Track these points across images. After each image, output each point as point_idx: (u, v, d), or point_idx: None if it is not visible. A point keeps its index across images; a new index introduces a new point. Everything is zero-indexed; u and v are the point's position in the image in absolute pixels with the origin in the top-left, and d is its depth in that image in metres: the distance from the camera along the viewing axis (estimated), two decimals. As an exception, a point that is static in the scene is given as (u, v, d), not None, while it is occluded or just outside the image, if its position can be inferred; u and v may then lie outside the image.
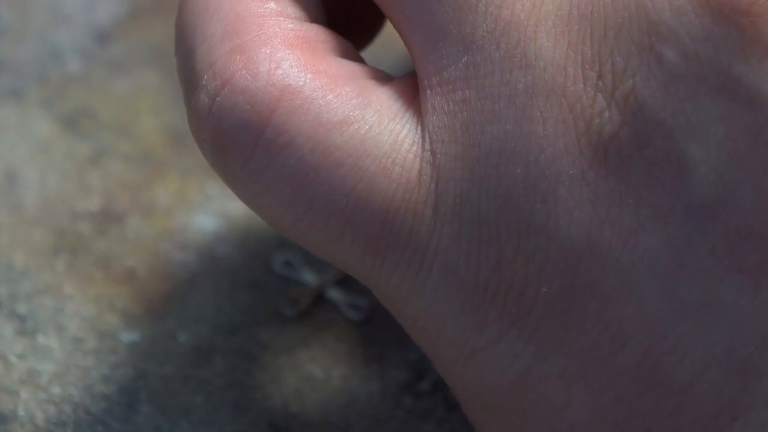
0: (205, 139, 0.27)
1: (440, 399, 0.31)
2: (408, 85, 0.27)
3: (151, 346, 0.32)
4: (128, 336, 0.32)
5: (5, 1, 0.39)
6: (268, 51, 0.26)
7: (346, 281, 0.34)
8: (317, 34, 0.27)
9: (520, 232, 0.25)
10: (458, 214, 0.25)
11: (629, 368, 0.25)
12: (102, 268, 0.33)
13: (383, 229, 0.26)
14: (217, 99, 0.26)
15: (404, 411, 0.31)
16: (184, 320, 0.33)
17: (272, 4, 0.27)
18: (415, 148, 0.26)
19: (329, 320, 0.33)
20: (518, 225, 0.25)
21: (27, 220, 0.34)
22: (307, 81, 0.26)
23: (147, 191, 0.35)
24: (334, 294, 0.33)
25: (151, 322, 0.33)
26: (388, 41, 0.31)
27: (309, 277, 0.34)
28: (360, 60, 0.28)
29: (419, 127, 0.26)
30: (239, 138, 0.26)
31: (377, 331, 0.32)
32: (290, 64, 0.26)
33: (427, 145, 0.26)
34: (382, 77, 0.27)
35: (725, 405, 0.24)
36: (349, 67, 0.27)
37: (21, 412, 0.31)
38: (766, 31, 0.23)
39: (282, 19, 0.27)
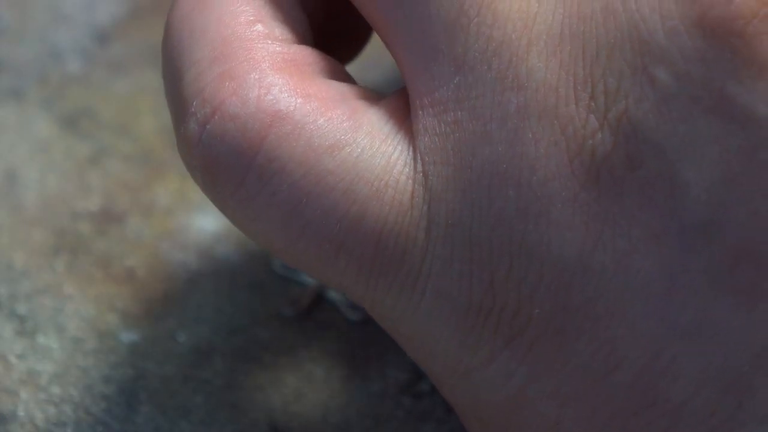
0: (195, 167, 0.27)
1: (440, 399, 0.31)
2: (399, 104, 0.27)
3: (151, 346, 0.32)
4: (128, 336, 0.32)
5: (5, 1, 0.39)
6: (257, 76, 0.26)
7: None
8: (305, 56, 0.27)
9: (512, 254, 0.25)
10: (450, 236, 0.25)
11: (622, 388, 0.25)
12: (102, 268, 0.33)
13: (376, 252, 0.26)
14: (207, 126, 0.26)
15: (404, 411, 0.31)
16: (184, 320, 0.33)
17: (259, 27, 0.27)
18: (407, 169, 0.26)
19: (329, 320, 0.33)
20: (510, 247, 0.25)
21: (27, 220, 0.34)
22: (298, 106, 0.26)
23: (147, 191, 0.35)
24: (334, 294, 0.33)
25: (151, 322, 0.33)
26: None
27: (309, 277, 0.33)
28: (349, 79, 0.28)
29: (411, 149, 0.26)
30: (230, 165, 0.26)
31: (377, 331, 0.32)
32: (280, 89, 0.26)
33: (419, 167, 0.26)
34: (373, 97, 0.27)
35: (719, 423, 0.24)
36: (339, 88, 0.27)
37: (21, 413, 0.31)
38: (760, 52, 0.23)
39: (270, 42, 0.27)
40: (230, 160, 0.26)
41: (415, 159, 0.26)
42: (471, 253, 0.25)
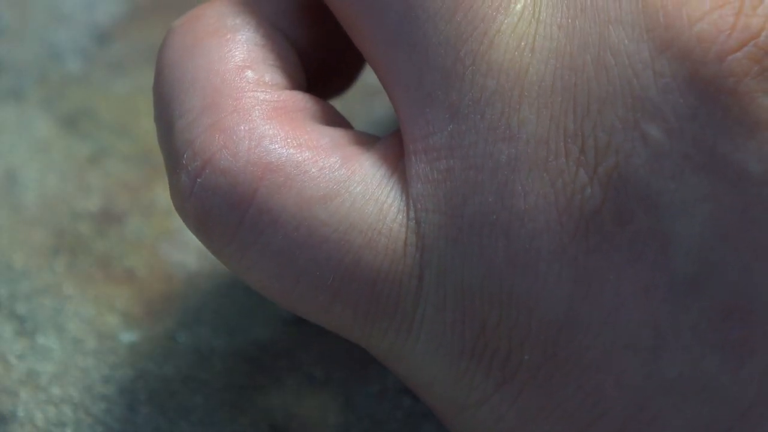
0: (188, 217, 0.27)
1: (440, 400, 0.31)
2: (392, 147, 0.27)
3: (151, 347, 0.32)
4: (128, 336, 0.32)
5: (5, 1, 0.39)
6: (247, 128, 0.26)
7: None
8: (296, 102, 0.27)
9: (502, 303, 0.25)
10: (443, 284, 0.25)
11: None
12: (102, 269, 0.33)
13: (371, 299, 0.26)
14: (199, 180, 0.26)
15: (403, 412, 0.31)
16: (184, 321, 0.33)
17: (249, 73, 0.27)
18: (400, 216, 0.26)
19: (329, 321, 0.33)
20: (500, 296, 0.25)
21: (27, 220, 0.34)
22: (289, 156, 0.26)
23: (147, 191, 0.35)
24: (334, 294, 0.33)
25: (151, 323, 0.33)
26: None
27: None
28: (342, 122, 0.28)
29: (404, 195, 0.26)
30: (223, 217, 0.26)
31: (377, 332, 0.32)
32: (270, 139, 0.26)
33: (412, 214, 0.26)
34: (366, 141, 0.27)
35: None
36: (331, 134, 0.27)
37: (20, 413, 0.31)
38: (751, 110, 0.23)
39: (260, 90, 0.27)
40: (223, 213, 0.26)
41: (407, 205, 0.26)
42: (463, 301, 0.25)
